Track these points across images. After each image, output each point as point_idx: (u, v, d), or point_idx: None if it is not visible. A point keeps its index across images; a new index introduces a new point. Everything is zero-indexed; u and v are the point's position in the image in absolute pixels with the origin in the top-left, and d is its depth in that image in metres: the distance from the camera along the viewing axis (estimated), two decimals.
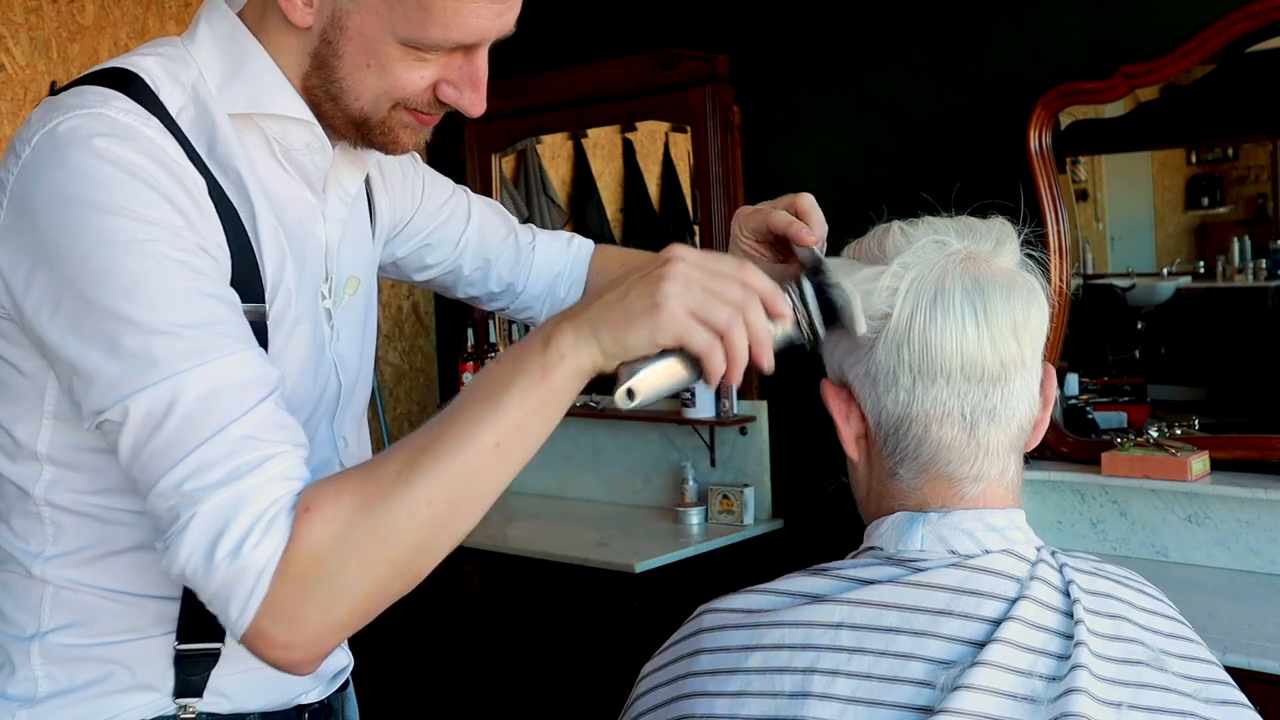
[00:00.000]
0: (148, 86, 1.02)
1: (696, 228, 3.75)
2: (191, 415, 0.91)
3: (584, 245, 1.56)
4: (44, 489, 1.05)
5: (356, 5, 1.01)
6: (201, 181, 1.00)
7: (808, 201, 1.13)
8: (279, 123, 1.08)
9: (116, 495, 1.05)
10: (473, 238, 1.47)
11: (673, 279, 0.90)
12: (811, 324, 0.96)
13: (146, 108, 1.00)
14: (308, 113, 1.08)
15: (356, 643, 1.15)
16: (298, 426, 0.97)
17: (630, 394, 0.91)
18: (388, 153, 1.12)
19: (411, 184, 1.40)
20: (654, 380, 0.92)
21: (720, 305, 0.90)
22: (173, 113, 1.02)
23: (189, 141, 1.02)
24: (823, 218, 1.12)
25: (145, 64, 1.04)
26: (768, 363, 0.92)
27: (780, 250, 1.18)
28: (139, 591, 1.07)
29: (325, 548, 0.89)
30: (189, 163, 1.00)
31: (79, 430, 1.01)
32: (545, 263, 1.52)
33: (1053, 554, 0.99)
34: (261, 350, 0.98)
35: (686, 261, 0.91)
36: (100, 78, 1.02)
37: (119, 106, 0.98)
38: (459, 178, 4.58)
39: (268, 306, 1.06)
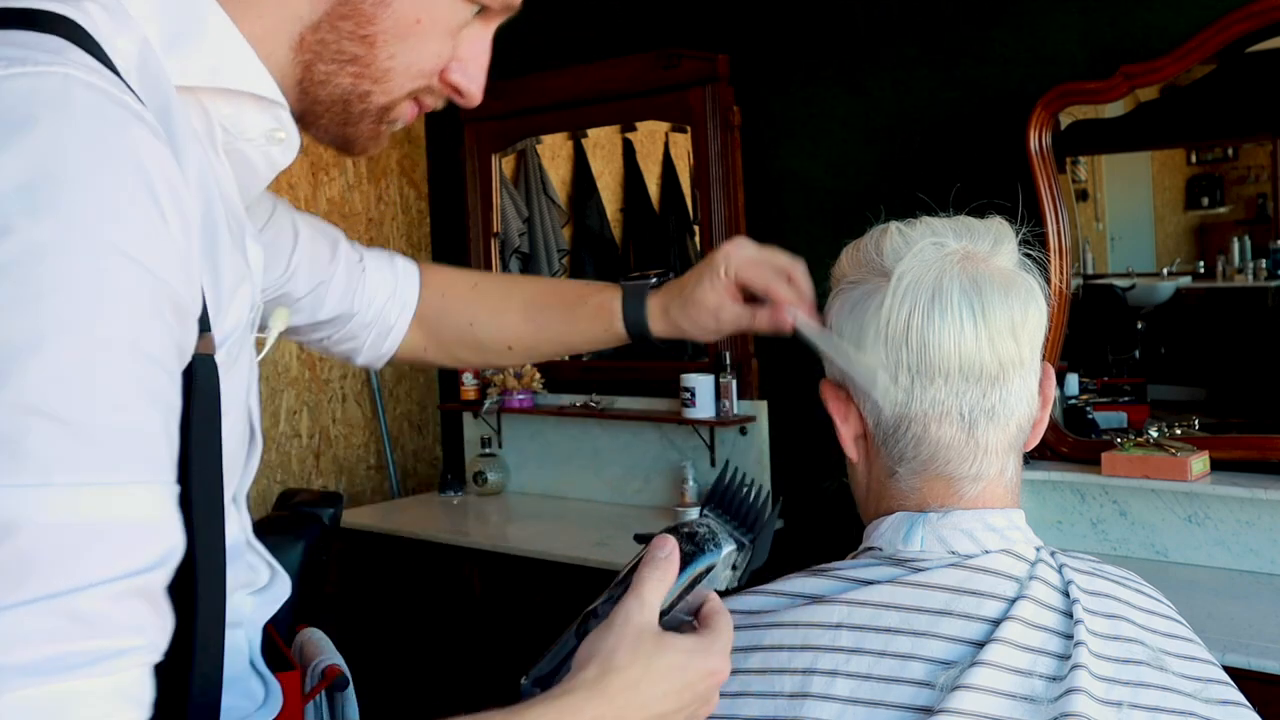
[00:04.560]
0: (93, 41, 0.71)
1: (696, 228, 3.75)
2: (40, 551, 0.60)
3: (407, 264, 1.38)
4: None
5: None
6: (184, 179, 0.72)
7: (800, 273, 1.20)
8: (234, 103, 0.82)
9: None
10: (303, 259, 1.23)
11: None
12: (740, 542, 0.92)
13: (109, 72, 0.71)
14: (278, 92, 0.83)
15: (357, 642, 1.15)
16: (169, 620, 0.67)
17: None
18: (352, 152, 0.88)
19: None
20: None
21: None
22: (130, 84, 0.73)
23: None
24: (810, 290, 1.20)
25: (86, 7, 0.72)
26: None
27: (749, 297, 1.23)
28: None
29: None
30: (169, 152, 0.70)
31: None
32: (377, 283, 1.33)
33: (1052, 554, 0.99)
34: (176, 489, 0.68)
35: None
36: (10, 18, 0.69)
37: (85, 64, 0.67)
38: (459, 178, 4.55)
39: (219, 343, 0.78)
